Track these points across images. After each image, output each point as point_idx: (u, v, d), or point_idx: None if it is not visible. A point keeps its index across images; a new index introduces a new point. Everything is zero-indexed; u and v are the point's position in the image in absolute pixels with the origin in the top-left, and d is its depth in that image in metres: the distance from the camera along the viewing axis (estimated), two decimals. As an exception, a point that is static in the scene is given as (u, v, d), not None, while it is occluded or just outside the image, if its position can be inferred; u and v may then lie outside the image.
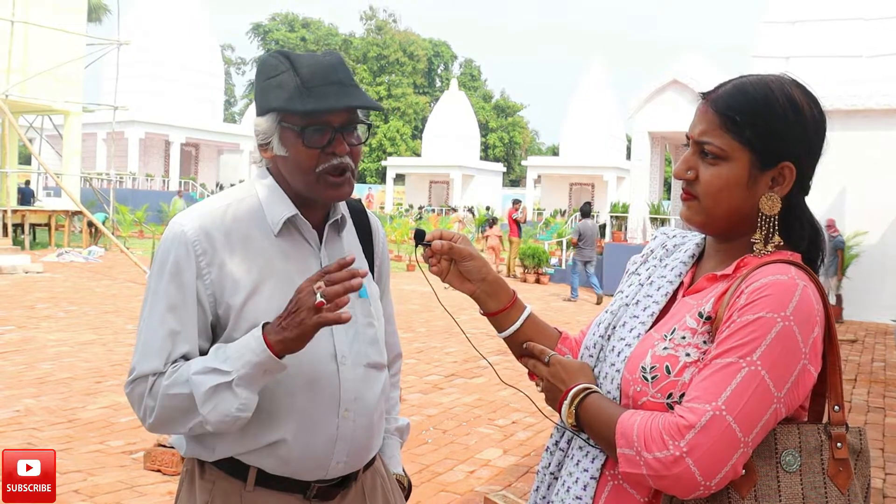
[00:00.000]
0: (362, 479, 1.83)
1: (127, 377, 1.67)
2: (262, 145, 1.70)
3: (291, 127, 1.65)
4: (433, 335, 10.27)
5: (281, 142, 1.67)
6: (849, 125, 13.70)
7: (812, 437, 1.32)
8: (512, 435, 5.99)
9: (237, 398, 1.55)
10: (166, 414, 1.60)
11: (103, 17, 44.71)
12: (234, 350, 1.57)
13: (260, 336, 1.54)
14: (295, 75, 1.63)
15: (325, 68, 1.65)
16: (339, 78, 1.65)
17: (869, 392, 8.07)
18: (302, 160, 1.66)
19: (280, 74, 1.65)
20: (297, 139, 1.65)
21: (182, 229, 1.66)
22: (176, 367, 1.61)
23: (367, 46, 67.91)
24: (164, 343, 1.62)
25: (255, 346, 1.54)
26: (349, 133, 1.69)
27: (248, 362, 1.54)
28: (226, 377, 1.54)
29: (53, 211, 21.76)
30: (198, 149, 42.06)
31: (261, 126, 1.68)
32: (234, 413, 1.56)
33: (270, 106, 1.65)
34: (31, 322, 9.80)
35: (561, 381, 1.46)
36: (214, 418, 1.57)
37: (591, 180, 43.03)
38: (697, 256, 1.53)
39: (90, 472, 4.67)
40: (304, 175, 1.67)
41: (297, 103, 1.61)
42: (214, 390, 1.55)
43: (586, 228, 15.58)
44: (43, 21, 20.01)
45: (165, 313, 1.63)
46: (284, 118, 1.65)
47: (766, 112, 1.37)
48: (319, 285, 1.50)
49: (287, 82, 1.63)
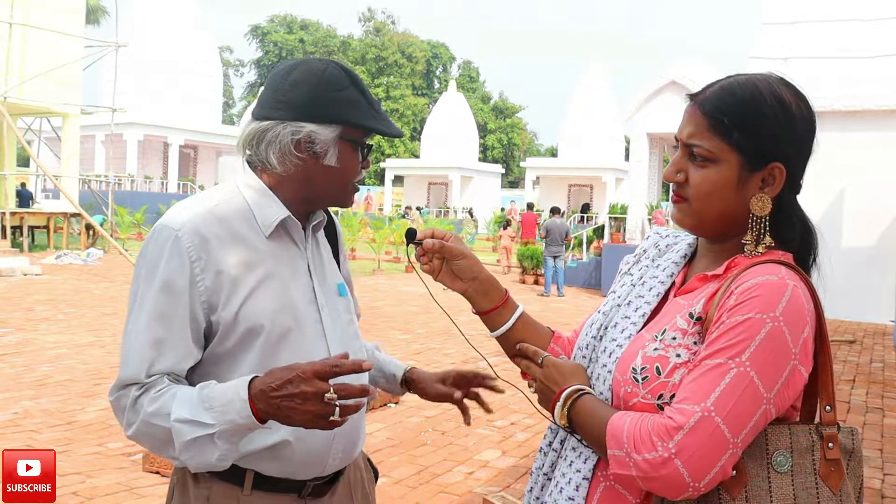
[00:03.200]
0: (348, 472, 1.85)
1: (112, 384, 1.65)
2: (314, 153, 1.69)
3: (352, 141, 1.71)
4: (432, 337, 10.27)
5: (338, 153, 1.70)
6: (847, 126, 13.70)
7: (803, 437, 1.31)
8: (510, 436, 5.99)
9: (218, 449, 1.51)
10: (145, 438, 1.58)
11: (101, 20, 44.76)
12: (218, 402, 1.51)
13: (246, 400, 1.49)
14: (360, 93, 1.72)
15: (368, 90, 1.76)
16: (379, 104, 1.77)
17: (867, 393, 8.07)
18: (350, 171, 1.74)
19: (346, 89, 1.70)
20: (355, 153, 1.73)
21: (175, 234, 1.61)
22: (161, 390, 1.56)
23: (365, 48, 67.95)
24: (148, 351, 1.58)
25: (240, 408, 1.49)
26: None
27: (232, 421, 1.49)
28: (207, 430, 1.50)
29: (52, 213, 21.78)
30: (196, 151, 42.07)
31: (320, 134, 1.67)
32: (213, 462, 1.53)
33: (341, 118, 1.68)
34: (30, 324, 9.80)
35: (554, 382, 1.46)
36: (193, 464, 1.55)
37: (590, 182, 43.04)
38: (689, 256, 1.54)
39: (89, 474, 4.67)
40: (344, 184, 1.75)
41: (372, 121, 1.71)
42: (195, 441, 1.51)
43: (553, 226, 16.94)
44: (41, 23, 20.03)
45: (152, 321, 1.59)
46: (346, 131, 1.70)
47: (755, 113, 1.37)
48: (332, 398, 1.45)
49: (356, 99, 1.71)
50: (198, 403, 1.52)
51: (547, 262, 16.94)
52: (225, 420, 1.49)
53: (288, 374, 1.47)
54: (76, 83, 22.22)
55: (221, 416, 1.49)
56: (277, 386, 1.46)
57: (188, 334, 1.61)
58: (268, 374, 1.50)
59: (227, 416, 1.49)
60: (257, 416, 1.49)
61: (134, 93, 34.85)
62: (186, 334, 1.61)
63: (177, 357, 1.60)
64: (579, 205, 33.57)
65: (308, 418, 1.47)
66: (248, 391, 1.49)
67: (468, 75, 73.73)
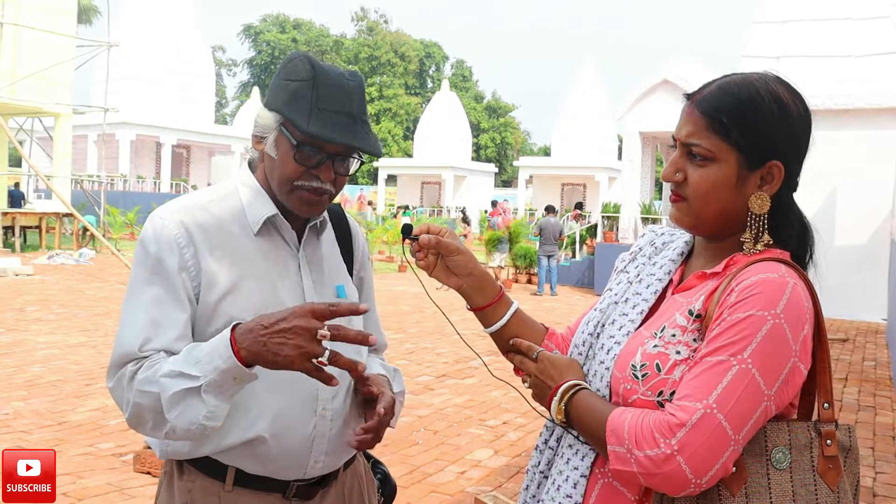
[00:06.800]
0: (342, 478, 1.82)
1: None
2: (258, 137, 1.70)
3: (289, 137, 1.64)
4: (424, 336, 10.26)
5: (275, 144, 1.67)
6: (839, 125, 13.73)
7: (802, 434, 1.31)
8: (503, 435, 5.98)
9: (205, 405, 1.47)
10: (138, 412, 1.54)
11: (93, 19, 44.58)
12: (204, 353, 1.48)
13: (228, 340, 1.46)
14: (313, 90, 1.61)
15: (343, 94, 1.63)
16: (352, 109, 1.64)
17: (860, 391, 8.10)
18: (286, 169, 1.66)
19: (300, 82, 1.63)
20: (290, 150, 1.64)
21: (163, 223, 1.65)
22: (154, 361, 1.55)
23: (358, 47, 67.92)
24: (143, 330, 1.58)
25: (223, 352, 1.46)
26: (340, 162, 1.68)
27: (217, 368, 1.46)
28: (193, 382, 1.47)
29: (44, 213, 21.72)
30: (189, 150, 41.97)
31: (263, 119, 1.68)
32: (200, 421, 1.48)
33: (279, 108, 1.64)
34: (21, 325, 9.76)
35: (550, 377, 1.46)
36: (181, 425, 1.50)
37: (583, 181, 43.08)
38: (686, 254, 1.53)
39: (79, 475, 4.65)
40: (281, 182, 1.67)
41: (303, 121, 1.60)
42: (182, 395, 1.48)
43: (547, 224, 16.95)
44: (32, 23, 19.95)
45: (148, 304, 1.60)
46: (286, 125, 1.64)
47: (753, 112, 1.37)
48: (325, 334, 1.42)
49: (303, 94, 1.61)
50: (185, 358, 1.51)
51: (541, 261, 16.99)
52: (211, 368, 1.46)
53: (282, 313, 1.45)
54: (68, 83, 22.15)
55: (207, 366, 1.47)
56: (269, 323, 1.44)
57: (181, 317, 1.61)
58: (259, 316, 1.48)
59: (213, 364, 1.46)
60: (240, 357, 1.45)
61: (126, 92, 34.71)
62: (180, 316, 1.61)
63: (173, 336, 1.59)
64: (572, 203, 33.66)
65: (296, 355, 1.42)
66: (232, 332, 1.47)
67: (461, 74, 73.74)
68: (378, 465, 2.08)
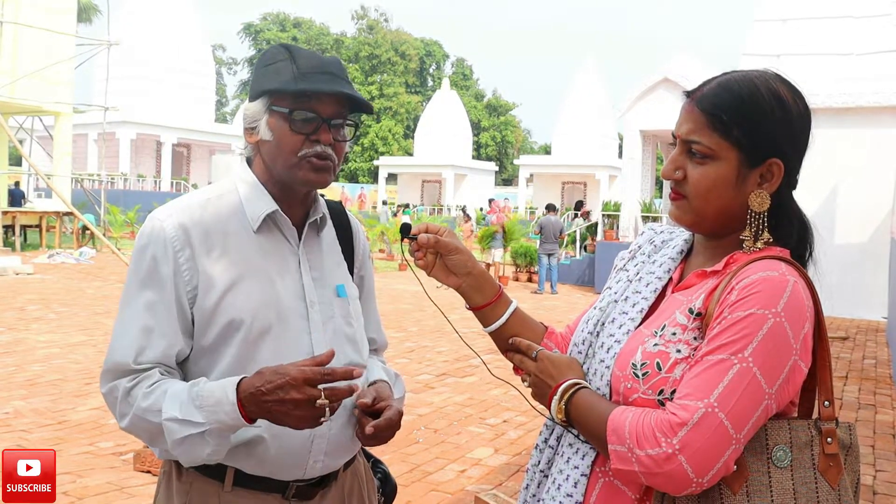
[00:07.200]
0: (342, 478, 1.82)
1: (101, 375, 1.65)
2: (249, 129, 1.71)
3: (280, 110, 1.66)
4: (424, 334, 10.27)
5: (268, 125, 1.68)
6: (839, 123, 13.73)
7: (802, 432, 1.31)
8: (503, 434, 5.98)
9: (209, 445, 1.54)
10: (138, 430, 1.60)
11: (93, 18, 44.56)
12: (208, 400, 1.52)
13: (235, 404, 1.51)
14: (292, 63, 1.66)
15: (322, 61, 1.69)
16: (333, 70, 1.68)
17: (860, 389, 8.09)
18: (286, 144, 1.66)
19: (278, 62, 1.68)
20: (284, 122, 1.66)
21: (160, 225, 1.65)
22: (153, 385, 1.57)
23: (358, 46, 67.82)
24: (137, 338, 1.60)
25: (230, 411, 1.51)
26: (336, 128, 1.69)
27: (221, 421, 1.51)
28: (198, 429, 1.52)
29: (44, 212, 21.71)
30: (189, 149, 41.95)
31: (250, 110, 1.70)
32: (204, 457, 1.56)
33: (263, 88, 1.67)
34: (22, 324, 9.76)
35: (549, 376, 1.46)
36: (186, 459, 1.59)
37: (584, 179, 43.06)
38: (685, 252, 1.53)
39: (79, 474, 4.65)
40: (286, 158, 1.67)
41: (290, 84, 1.64)
42: (186, 439, 1.53)
43: (547, 223, 16.96)
44: (32, 22, 19.93)
45: (141, 310, 1.61)
46: (275, 101, 1.66)
47: (753, 109, 1.37)
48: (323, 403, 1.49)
49: (283, 69, 1.66)
50: (188, 402, 1.53)
51: (541, 259, 16.99)
52: (214, 419, 1.51)
53: (278, 378, 1.48)
54: (68, 82, 22.13)
55: (211, 416, 1.51)
56: (268, 390, 1.49)
57: (176, 323, 1.62)
58: (257, 376, 1.51)
59: (217, 416, 1.51)
60: (246, 417, 1.51)
61: (126, 91, 34.68)
62: (174, 323, 1.62)
63: (165, 345, 1.61)
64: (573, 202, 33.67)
65: (300, 424, 1.52)
66: (238, 394, 1.51)
67: (462, 73, 73.64)
68: (378, 464, 2.08)
